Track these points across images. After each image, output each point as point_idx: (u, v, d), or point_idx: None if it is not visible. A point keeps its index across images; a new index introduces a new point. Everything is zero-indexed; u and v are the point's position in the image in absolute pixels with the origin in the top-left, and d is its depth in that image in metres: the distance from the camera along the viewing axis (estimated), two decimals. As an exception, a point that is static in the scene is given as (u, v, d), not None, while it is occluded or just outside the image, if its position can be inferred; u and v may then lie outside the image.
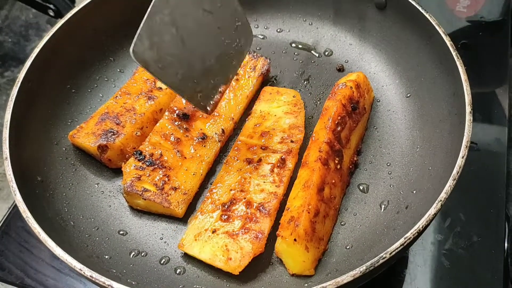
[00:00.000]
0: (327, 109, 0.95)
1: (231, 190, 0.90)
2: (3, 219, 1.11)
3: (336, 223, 0.90)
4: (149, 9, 0.75)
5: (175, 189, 0.91)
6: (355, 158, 0.97)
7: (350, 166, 0.95)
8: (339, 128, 0.93)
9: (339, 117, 0.93)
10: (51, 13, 1.46)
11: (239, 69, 1.08)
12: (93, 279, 0.72)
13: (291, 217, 0.82)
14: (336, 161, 0.90)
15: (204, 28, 0.83)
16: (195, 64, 0.84)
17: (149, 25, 0.75)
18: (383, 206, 0.91)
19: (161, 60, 0.78)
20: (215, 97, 0.88)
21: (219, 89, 0.88)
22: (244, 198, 0.89)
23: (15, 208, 1.12)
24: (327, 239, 0.87)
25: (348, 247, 0.86)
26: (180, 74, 0.81)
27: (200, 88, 0.85)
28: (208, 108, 0.87)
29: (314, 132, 0.94)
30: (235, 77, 1.07)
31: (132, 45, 0.73)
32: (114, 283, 0.71)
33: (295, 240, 0.79)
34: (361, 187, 0.94)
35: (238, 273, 0.81)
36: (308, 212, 0.82)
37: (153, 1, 0.75)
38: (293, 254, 0.81)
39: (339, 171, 0.91)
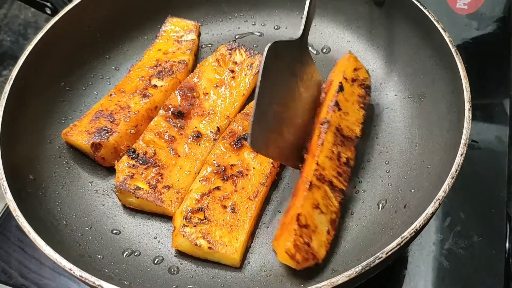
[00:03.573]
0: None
1: None
2: (-2, 218, 1.10)
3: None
4: (255, 100, 0.76)
5: (168, 187, 0.89)
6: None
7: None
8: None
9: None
10: (48, 11, 1.45)
11: (236, 66, 1.07)
12: (83, 279, 0.71)
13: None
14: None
15: (292, 93, 0.88)
16: (290, 130, 0.88)
17: (257, 113, 0.77)
18: (380, 205, 0.89)
19: (270, 140, 0.82)
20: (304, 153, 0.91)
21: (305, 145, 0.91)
22: None
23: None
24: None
25: (345, 247, 0.85)
26: (280, 146, 0.85)
27: (294, 150, 0.89)
28: (300, 165, 0.90)
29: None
30: (231, 75, 1.06)
31: (249, 138, 0.76)
32: (104, 283, 0.70)
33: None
34: (358, 186, 0.93)
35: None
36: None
37: (257, 92, 0.76)
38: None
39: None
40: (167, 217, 0.91)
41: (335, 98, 0.92)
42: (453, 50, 0.89)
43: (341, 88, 0.94)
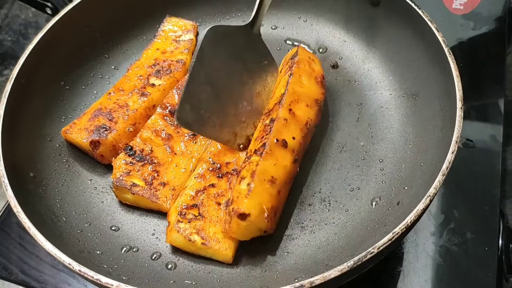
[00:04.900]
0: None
1: None
2: (-1, 216, 1.11)
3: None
4: (188, 76, 0.80)
5: (163, 184, 0.91)
6: None
7: None
8: None
9: None
10: (49, 11, 1.46)
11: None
12: (82, 273, 0.72)
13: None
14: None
15: (235, 76, 0.90)
16: (230, 111, 0.90)
17: (189, 90, 0.81)
18: (374, 202, 0.91)
19: (201, 118, 0.86)
20: (250, 133, 0.94)
21: (253, 125, 0.94)
22: None
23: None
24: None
25: (339, 243, 0.86)
26: (217, 125, 0.89)
27: (236, 130, 0.92)
28: (241, 146, 0.93)
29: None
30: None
31: (176, 112, 0.80)
32: (102, 277, 0.71)
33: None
34: (353, 183, 0.94)
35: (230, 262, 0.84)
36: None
37: (191, 68, 0.81)
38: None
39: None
40: (165, 214, 0.91)
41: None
42: (446, 49, 0.90)
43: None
